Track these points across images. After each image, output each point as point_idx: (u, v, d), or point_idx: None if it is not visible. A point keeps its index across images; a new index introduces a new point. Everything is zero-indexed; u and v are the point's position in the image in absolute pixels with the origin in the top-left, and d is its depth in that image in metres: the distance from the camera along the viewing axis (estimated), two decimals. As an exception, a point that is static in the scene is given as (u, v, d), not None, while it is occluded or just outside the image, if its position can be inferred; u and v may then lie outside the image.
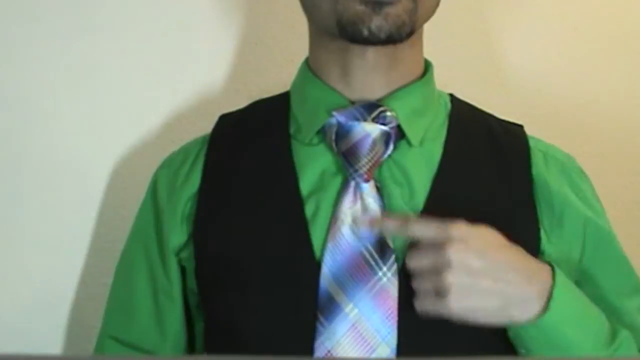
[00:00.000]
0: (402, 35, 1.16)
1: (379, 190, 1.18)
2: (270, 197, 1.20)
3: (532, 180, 1.23)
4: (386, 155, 1.19)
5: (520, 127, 1.29)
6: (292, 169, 1.21)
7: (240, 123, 1.28)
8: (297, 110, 1.25)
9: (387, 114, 1.19)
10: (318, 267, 1.15)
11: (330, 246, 1.15)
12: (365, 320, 1.13)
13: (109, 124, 1.45)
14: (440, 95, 1.28)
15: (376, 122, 1.18)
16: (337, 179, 1.19)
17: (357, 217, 1.16)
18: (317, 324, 1.13)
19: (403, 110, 1.21)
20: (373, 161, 1.18)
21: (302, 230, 1.17)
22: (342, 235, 1.15)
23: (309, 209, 1.18)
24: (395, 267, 1.14)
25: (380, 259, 1.15)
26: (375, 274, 1.14)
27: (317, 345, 1.12)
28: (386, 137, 1.19)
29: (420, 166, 1.20)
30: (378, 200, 1.17)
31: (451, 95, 1.30)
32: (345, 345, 1.12)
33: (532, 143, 1.26)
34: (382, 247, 1.15)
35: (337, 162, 1.20)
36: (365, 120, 1.19)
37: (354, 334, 1.13)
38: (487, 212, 1.19)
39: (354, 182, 1.17)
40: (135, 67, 1.46)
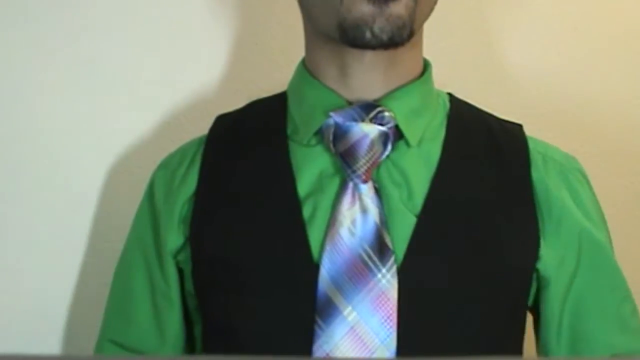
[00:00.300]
0: (402, 37, 1.15)
1: (377, 191, 1.17)
2: (267, 199, 1.19)
3: (531, 182, 1.22)
4: (384, 156, 1.18)
5: (519, 126, 1.28)
6: (289, 171, 1.20)
7: (237, 124, 1.27)
8: (294, 111, 1.24)
9: (385, 115, 1.18)
10: (316, 269, 1.14)
11: (328, 248, 1.14)
12: (364, 323, 1.12)
13: (107, 124, 1.45)
14: (439, 95, 1.27)
15: (374, 123, 1.17)
16: (335, 180, 1.18)
17: (355, 219, 1.15)
18: (315, 327, 1.12)
19: (401, 111, 1.20)
20: (371, 162, 1.17)
21: (299, 232, 1.16)
22: (341, 237, 1.15)
23: (306, 211, 1.17)
24: (394, 268, 1.14)
25: (380, 260, 1.14)
26: (374, 275, 1.13)
27: (316, 349, 1.11)
28: (384, 137, 1.18)
29: (418, 166, 1.20)
30: (376, 201, 1.16)
31: (450, 94, 1.29)
32: (344, 348, 1.11)
33: (532, 144, 1.25)
34: (381, 248, 1.14)
35: (335, 163, 1.19)
36: (363, 120, 1.18)
37: (353, 337, 1.12)
38: (487, 214, 1.19)
39: (352, 184, 1.17)
40: (134, 68, 1.45)
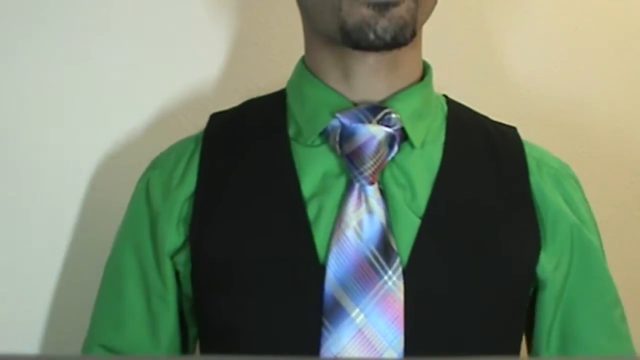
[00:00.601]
0: (406, 37, 1.15)
1: (383, 193, 1.17)
2: (270, 199, 1.19)
3: (530, 186, 1.23)
4: (390, 158, 1.18)
5: (514, 128, 1.28)
6: (292, 171, 1.19)
7: (235, 122, 1.26)
8: (296, 111, 1.23)
9: (392, 116, 1.18)
10: (322, 270, 1.13)
11: (334, 249, 1.14)
12: (372, 325, 1.12)
13: (104, 122, 1.44)
14: (437, 97, 1.27)
15: (381, 124, 1.17)
16: (340, 181, 1.18)
17: (362, 220, 1.15)
18: (323, 329, 1.12)
19: (405, 112, 1.20)
20: (378, 164, 1.17)
21: (305, 232, 1.16)
22: (347, 238, 1.14)
23: (311, 211, 1.17)
24: (400, 270, 1.14)
25: (386, 262, 1.14)
26: (380, 277, 1.13)
27: (323, 351, 1.11)
28: (390, 139, 1.18)
29: (421, 168, 1.20)
30: (382, 203, 1.16)
31: (445, 96, 1.29)
32: (352, 350, 1.11)
33: (527, 149, 1.26)
34: (386, 250, 1.14)
35: (340, 164, 1.19)
36: (370, 122, 1.17)
37: (361, 339, 1.12)
38: (489, 215, 1.19)
39: (358, 185, 1.16)
40: (133, 67, 1.44)
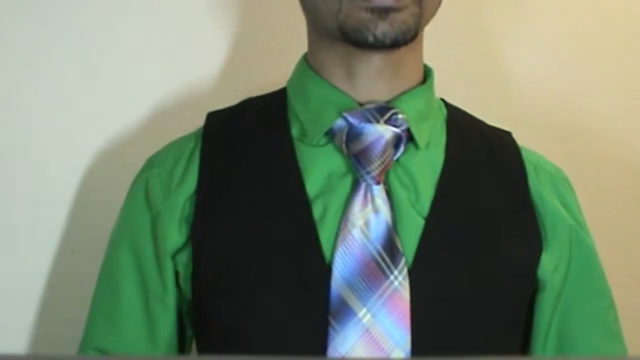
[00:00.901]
0: (407, 39, 1.15)
1: (388, 193, 1.17)
2: (274, 198, 1.18)
3: (529, 189, 1.23)
4: (396, 158, 1.18)
5: (509, 133, 1.29)
6: (297, 170, 1.18)
7: (234, 121, 1.25)
8: (298, 110, 1.22)
9: (399, 117, 1.18)
10: (328, 270, 1.13)
11: (340, 249, 1.14)
12: (379, 325, 1.12)
13: (104, 120, 1.44)
14: (436, 100, 1.27)
15: (388, 124, 1.17)
16: (346, 180, 1.17)
17: (368, 220, 1.15)
18: (330, 329, 1.12)
19: (410, 113, 1.20)
20: (385, 164, 1.17)
21: (310, 232, 1.15)
22: (353, 237, 1.14)
23: (316, 211, 1.16)
24: (405, 270, 1.14)
25: (392, 262, 1.14)
26: (387, 277, 1.13)
27: (330, 351, 1.11)
28: (397, 139, 1.18)
29: (425, 169, 1.20)
30: (387, 203, 1.16)
31: (443, 100, 1.29)
32: (359, 350, 1.11)
33: (524, 154, 1.26)
34: (392, 250, 1.14)
35: (346, 163, 1.18)
36: (377, 122, 1.17)
37: (368, 339, 1.11)
38: (491, 217, 1.20)
39: (365, 184, 1.16)
40: (133, 67, 1.44)
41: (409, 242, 1.15)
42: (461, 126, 1.26)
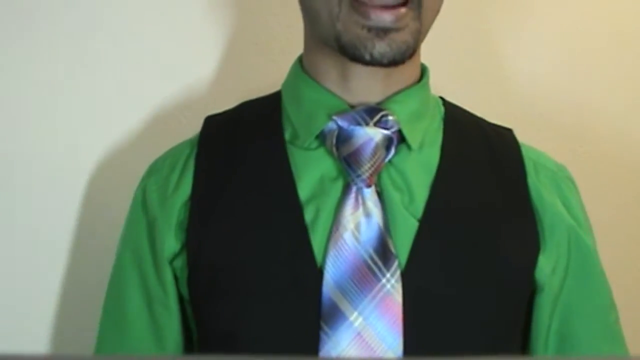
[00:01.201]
0: (405, 58, 1.14)
1: (380, 196, 1.16)
2: (267, 203, 1.18)
3: (528, 188, 1.22)
4: (387, 160, 1.18)
5: (510, 130, 1.28)
6: (289, 174, 1.18)
7: (230, 125, 1.25)
8: (292, 113, 1.22)
9: (389, 118, 1.17)
10: (320, 274, 1.13)
11: (332, 253, 1.13)
12: (371, 328, 1.12)
13: (103, 122, 1.44)
14: (434, 99, 1.27)
15: (378, 126, 1.17)
16: (338, 184, 1.17)
17: (359, 223, 1.15)
18: (321, 333, 1.12)
19: (403, 114, 1.19)
20: (375, 166, 1.16)
21: (302, 236, 1.15)
22: (345, 241, 1.14)
23: (308, 215, 1.16)
24: (398, 272, 1.13)
25: (384, 265, 1.13)
26: (379, 280, 1.13)
27: (322, 355, 1.10)
28: (388, 141, 1.17)
29: (419, 171, 1.19)
30: (379, 205, 1.16)
31: (442, 98, 1.28)
32: (351, 354, 1.11)
33: (524, 151, 1.25)
34: (385, 253, 1.14)
35: (337, 166, 1.18)
36: (367, 124, 1.17)
37: (360, 343, 1.11)
38: (487, 218, 1.19)
39: (355, 188, 1.16)
40: (131, 67, 1.44)
41: (403, 245, 1.15)
42: (459, 124, 1.25)
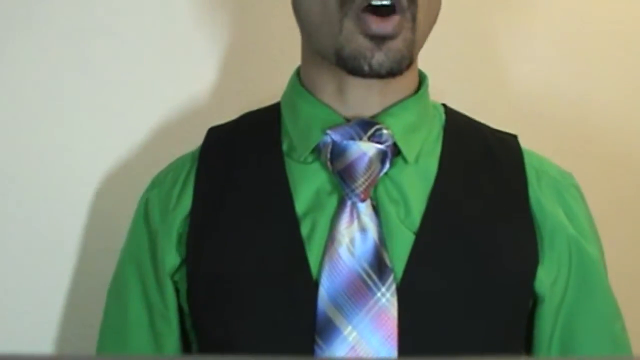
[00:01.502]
0: (402, 68, 1.15)
1: (375, 209, 1.16)
2: (265, 216, 1.19)
3: (528, 199, 1.21)
4: (382, 174, 1.17)
5: (514, 137, 1.26)
6: (286, 188, 1.19)
7: (230, 138, 1.26)
8: (289, 127, 1.22)
9: (384, 132, 1.17)
10: (315, 288, 1.13)
11: (327, 267, 1.14)
12: (365, 342, 1.12)
13: (105, 126, 1.45)
14: (435, 107, 1.26)
15: (372, 141, 1.16)
16: (333, 198, 1.17)
17: (354, 238, 1.15)
18: (315, 348, 1.12)
19: (398, 127, 1.19)
20: (370, 180, 1.16)
21: (298, 250, 1.15)
22: (339, 256, 1.14)
23: (304, 229, 1.17)
24: (394, 286, 1.13)
25: (379, 279, 1.13)
26: (374, 294, 1.13)
27: None
28: (382, 155, 1.17)
29: (415, 183, 1.19)
30: (375, 219, 1.15)
31: (444, 105, 1.27)
32: None
33: (527, 158, 1.24)
34: (380, 267, 1.14)
35: (333, 181, 1.18)
36: (360, 138, 1.16)
37: (354, 357, 1.12)
38: (485, 230, 1.18)
39: (350, 202, 1.16)
40: (132, 69, 1.45)
41: (399, 258, 1.15)
42: (460, 133, 1.24)
